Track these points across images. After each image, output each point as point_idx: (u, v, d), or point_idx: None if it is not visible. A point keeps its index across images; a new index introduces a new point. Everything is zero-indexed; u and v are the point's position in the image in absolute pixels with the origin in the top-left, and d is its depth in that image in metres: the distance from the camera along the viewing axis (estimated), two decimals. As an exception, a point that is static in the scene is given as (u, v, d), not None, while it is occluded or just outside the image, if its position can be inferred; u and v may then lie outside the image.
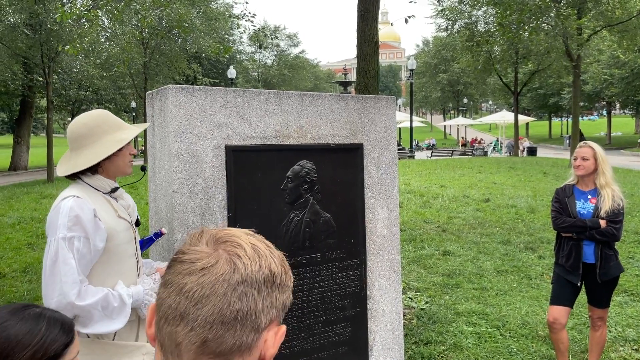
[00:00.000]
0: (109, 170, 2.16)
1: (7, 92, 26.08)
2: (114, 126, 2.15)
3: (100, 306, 1.96)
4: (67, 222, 1.94)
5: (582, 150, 3.55)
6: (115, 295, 2.02)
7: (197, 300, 0.73)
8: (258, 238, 0.83)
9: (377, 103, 3.29)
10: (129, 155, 2.21)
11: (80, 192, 2.06)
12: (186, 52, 30.08)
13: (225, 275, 0.74)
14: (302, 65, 54.44)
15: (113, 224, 2.09)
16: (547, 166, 19.55)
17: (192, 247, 0.78)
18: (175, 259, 0.79)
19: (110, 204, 2.15)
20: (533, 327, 4.57)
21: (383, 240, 3.34)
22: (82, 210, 1.97)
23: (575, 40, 18.21)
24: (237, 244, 0.78)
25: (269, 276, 0.78)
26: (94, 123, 2.12)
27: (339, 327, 3.13)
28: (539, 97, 48.52)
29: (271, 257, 0.80)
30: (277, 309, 0.79)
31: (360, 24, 5.42)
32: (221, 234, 0.80)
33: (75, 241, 1.94)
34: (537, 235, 7.85)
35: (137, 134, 2.20)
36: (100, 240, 2.02)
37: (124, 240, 2.15)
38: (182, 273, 0.76)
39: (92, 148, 2.09)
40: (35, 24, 18.70)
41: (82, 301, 1.91)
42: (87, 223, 1.97)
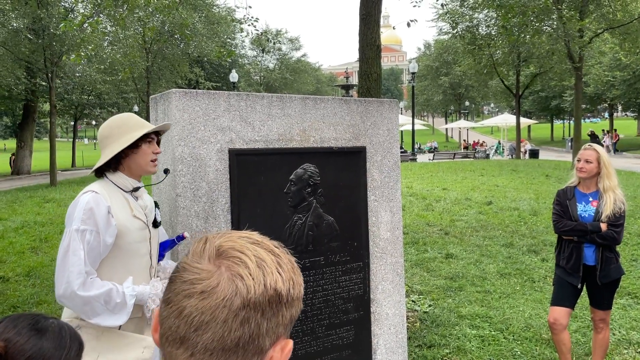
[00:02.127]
0: (130, 168, 2.22)
1: (10, 97, 26.18)
2: (134, 126, 2.21)
3: (103, 300, 2.02)
4: (82, 215, 2.04)
5: (586, 152, 3.55)
6: (120, 291, 2.07)
7: (197, 327, 0.70)
8: (265, 247, 0.78)
9: (379, 106, 3.30)
10: (153, 154, 2.25)
11: (101, 188, 2.14)
12: (188, 56, 30.16)
13: (226, 300, 0.70)
14: (304, 69, 54.51)
15: (126, 222, 2.14)
16: (550, 169, 19.53)
17: (193, 264, 0.74)
18: (175, 276, 0.76)
19: (128, 203, 2.20)
20: (537, 330, 4.56)
21: (386, 244, 3.34)
22: (97, 205, 2.06)
23: (577, 42, 18.21)
24: (240, 260, 0.73)
25: (274, 296, 0.73)
26: (116, 124, 2.22)
27: (343, 331, 3.13)
28: (541, 100, 48.51)
29: (278, 271, 0.75)
30: (284, 325, 0.76)
31: (362, 27, 5.43)
32: (225, 246, 0.75)
33: (87, 234, 2.02)
34: (540, 238, 7.84)
35: (149, 130, 2.22)
36: (110, 236, 2.08)
37: (136, 239, 2.19)
38: (181, 294, 0.72)
39: (111, 147, 2.18)
40: (38, 28, 18.77)
41: (85, 292, 1.98)
42: (99, 218, 2.05)
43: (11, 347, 1.09)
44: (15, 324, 1.13)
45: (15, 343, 1.09)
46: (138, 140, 2.19)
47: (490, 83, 38.13)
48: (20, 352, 1.09)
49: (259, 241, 0.78)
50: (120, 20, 7.88)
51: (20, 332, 1.12)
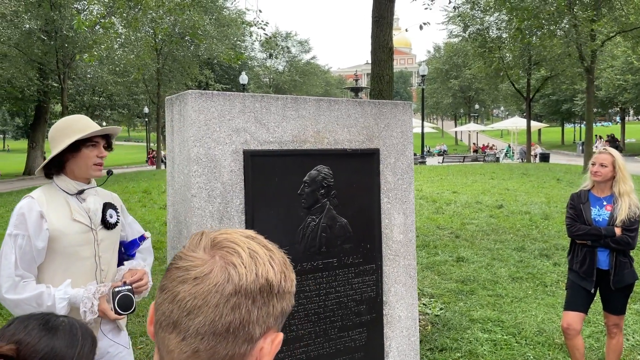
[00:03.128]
0: (73, 171, 2.22)
1: (23, 98, 26.44)
2: (77, 129, 2.19)
3: (36, 303, 2.03)
4: (15, 221, 2.08)
5: (601, 156, 3.52)
6: (51, 294, 2.06)
7: (189, 311, 0.72)
8: (259, 241, 0.80)
9: (393, 108, 3.29)
10: (96, 157, 2.24)
11: (41, 192, 2.17)
12: (198, 58, 30.33)
13: (218, 286, 0.72)
14: (313, 71, 54.61)
15: (62, 226, 2.13)
16: (561, 172, 19.40)
17: (188, 253, 0.77)
18: (172, 264, 0.78)
19: (69, 206, 2.18)
20: (549, 335, 4.53)
21: (399, 246, 3.33)
22: (30, 210, 2.08)
23: (589, 45, 18.10)
24: (234, 250, 0.76)
25: (265, 286, 0.75)
26: (61, 127, 2.23)
27: (355, 333, 3.12)
28: (552, 103, 48.23)
29: (270, 263, 0.77)
30: (275, 317, 0.77)
31: (374, 30, 5.43)
32: (220, 238, 0.78)
33: (19, 239, 2.05)
34: (552, 242, 7.79)
35: (84, 135, 2.18)
36: (42, 241, 2.08)
37: (75, 243, 2.17)
38: (176, 280, 0.75)
39: (55, 149, 2.19)
40: (51, 30, 18.96)
41: (13, 295, 2.01)
42: (30, 223, 2.06)
43: (23, 349, 1.08)
44: (25, 324, 1.13)
45: (27, 344, 1.09)
46: (79, 144, 2.18)
47: (500, 86, 37.96)
48: (33, 353, 1.09)
49: (253, 236, 0.81)
50: (133, 21, 7.93)
51: (31, 333, 1.11)
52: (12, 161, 34.32)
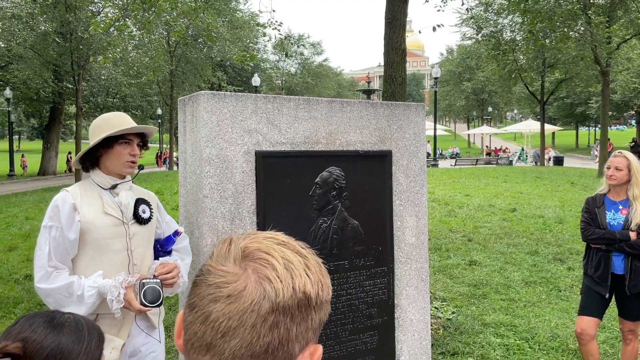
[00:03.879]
0: (107, 166, 2.28)
1: (38, 99, 26.77)
2: (110, 126, 2.25)
3: (67, 292, 2.09)
4: (49, 213, 2.17)
5: (616, 159, 3.47)
6: (81, 284, 2.12)
7: (224, 332, 0.67)
8: (292, 247, 0.75)
9: (406, 110, 3.27)
10: (129, 155, 2.28)
11: (76, 186, 2.26)
12: (211, 60, 30.49)
13: (254, 304, 0.67)
14: (326, 74, 54.63)
15: (93, 219, 2.19)
16: (575, 176, 19.19)
17: (218, 267, 0.71)
18: (200, 279, 0.73)
19: (102, 200, 2.24)
20: (563, 340, 4.47)
21: (411, 249, 3.31)
22: (63, 202, 2.16)
23: (604, 48, 17.90)
24: (267, 262, 0.70)
25: (303, 300, 0.70)
26: (98, 123, 2.30)
27: (366, 336, 3.10)
28: (566, 106, 47.77)
29: (306, 273, 0.71)
30: (314, 330, 0.72)
31: (387, 31, 5.41)
32: (251, 247, 0.72)
33: (52, 230, 2.13)
34: (566, 247, 7.70)
35: (110, 133, 2.22)
36: (73, 232, 2.14)
37: (107, 235, 2.22)
38: (207, 298, 0.69)
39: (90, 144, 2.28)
40: (66, 32, 19.16)
41: (45, 285, 2.09)
42: (63, 215, 2.14)
43: (29, 346, 1.08)
44: (30, 322, 1.13)
45: (33, 342, 1.09)
46: (112, 140, 2.24)
47: (514, 89, 37.69)
48: (39, 350, 1.08)
49: (285, 242, 0.75)
50: (147, 24, 7.99)
51: (37, 330, 1.11)
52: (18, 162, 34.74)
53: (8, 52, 22.33)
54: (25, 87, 24.42)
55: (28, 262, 7.01)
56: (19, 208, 12.07)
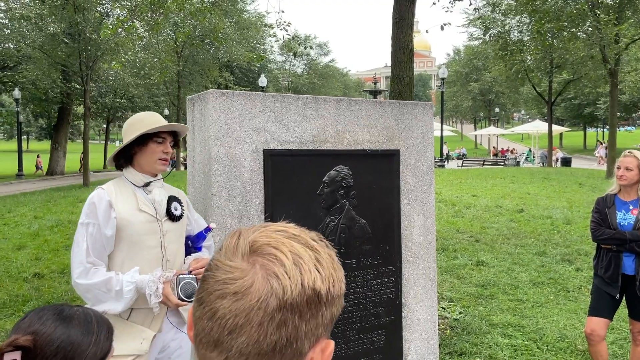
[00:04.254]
0: (140, 164, 2.31)
1: (46, 100, 26.93)
2: (145, 124, 2.27)
3: (105, 287, 2.13)
4: (86, 210, 2.21)
5: (626, 159, 3.45)
6: (119, 279, 2.16)
7: (231, 330, 0.66)
8: (302, 240, 0.72)
9: (414, 109, 3.27)
10: (162, 153, 2.31)
11: (111, 184, 2.30)
12: (218, 61, 30.57)
13: (260, 302, 0.65)
14: (332, 74, 54.65)
15: (128, 215, 2.23)
16: (583, 177, 19.09)
17: (225, 262, 0.70)
18: (208, 275, 0.71)
19: (136, 197, 2.28)
20: (571, 341, 4.44)
21: (419, 248, 3.30)
22: (100, 200, 2.20)
23: (613, 48, 17.80)
24: (275, 257, 0.68)
25: (312, 296, 0.68)
26: (132, 121, 2.32)
27: (374, 335, 3.10)
28: (574, 107, 47.52)
29: (316, 268, 0.69)
30: (324, 326, 0.71)
31: (395, 31, 5.40)
32: (260, 241, 0.70)
33: (90, 227, 2.17)
34: (574, 247, 7.65)
35: (152, 128, 2.25)
36: (110, 229, 2.19)
37: (141, 232, 2.26)
38: (214, 294, 0.68)
39: (124, 142, 2.31)
40: (74, 33, 19.26)
41: (84, 280, 2.13)
42: (99, 212, 2.18)
43: (39, 339, 1.09)
44: (40, 315, 1.14)
45: (42, 334, 1.10)
46: (146, 138, 2.27)
47: (521, 89, 37.54)
48: (49, 342, 1.10)
49: (296, 235, 0.73)
50: (156, 25, 8.02)
51: (46, 323, 1.12)
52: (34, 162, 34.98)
53: (17, 53, 22.48)
54: (34, 87, 24.59)
55: (37, 261, 7.06)
56: (28, 207, 12.14)
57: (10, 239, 8.43)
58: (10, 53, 23.23)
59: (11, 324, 4.87)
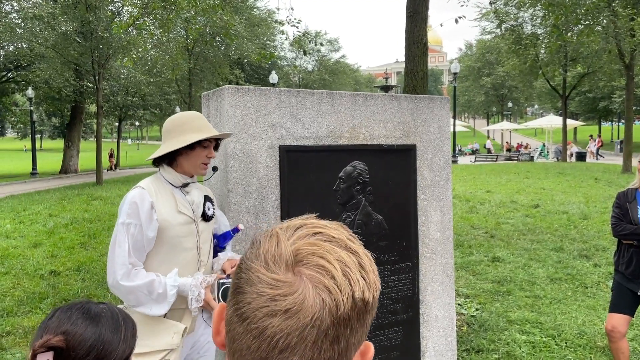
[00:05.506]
0: (183, 166, 2.27)
1: (59, 98, 27.14)
2: (195, 127, 2.23)
3: (147, 290, 2.11)
4: (127, 210, 2.15)
5: (648, 152, 3.38)
6: (162, 282, 2.14)
7: (282, 349, 0.63)
8: (343, 244, 0.68)
9: (430, 103, 3.22)
10: (206, 157, 2.28)
11: (150, 183, 2.25)
12: (229, 58, 30.60)
13: (314, 320, 0.62)
14: (343, 70, 54.50)
15: (169, 217, 2.20)
16: (599, 172, 18.85)
17: (270, 275, 0.65)
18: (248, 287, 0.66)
19: (174, 198, 2.25)
20: (591, 337, 4.38)
21: (436, 244, 3.26)
22: (142, 200, 2.16)
23: (628, 42, 17.53)
24: (323, 268, 0.65)
25: (362, 307, 0.65)
26: (179, 122, 2.26)
27: (391, 332, 3.07)
28: (588, 101, 46.94)
29: (362, 275, 0.66)
30: (367, 332, 0.69)
31: (409, 25, 5.35)
32: (304, 250, 0.66)
33: (131, 227, 2.13)
34: (591, 243, 7.55)
35: (205, 137, 2.21)
36: (152, 230, 2.16)
37: (180, 234, 2.24)
38: (261, 311, 0.64)
39: (169, 142, 2.25)
40: (86, 31, 19.38)
41: (128, 282, 2.09)
42: (142, 213, 2.14)
43: (71, 339, 1.09)
44: (68, 315, 1.14)
45: (74, 334, 1.10)
46: (194, 143, 2.23)
47: (535, 84, 37.16)
48: (81, 342, 1.10)
49: (335, 237, 0.69)
50: (167, 22, 8.03)
51: (77, 323, 1.12)
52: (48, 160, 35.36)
53: (30, 52, 22.67)
54: (47, 86, 24.77)
55: (52, 259, 7.12)
56: (43, 205, 12.25)
57: (26, 237, 8.50)
58: (23, 52, 23.42)
59: (29, 321, 4.91)
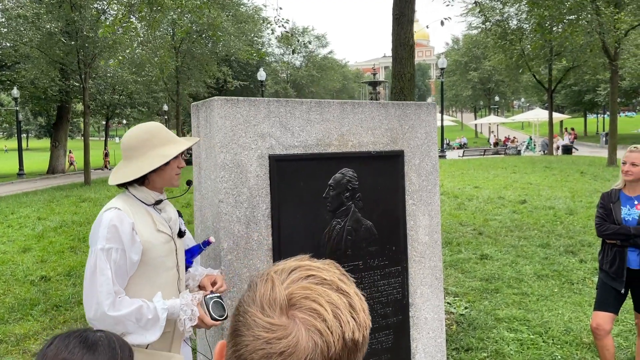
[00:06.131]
0: (155, 182, 2.17)
1: (46, 98, 26.87)
2: (163, 140, 2.15)
3: (135, 318, 1.98)
4: (106, 234, 1.99)
5: (632, 155, 3.45)
6: (151, 307, 2.03)
7: None
8: (334, 286, 0.73)
9: (417, 109, 3.27)
10: (177, 168, 2.20)
11: (123, 203, 2.09)
12: (216, 55, 30.46)
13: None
14: (331, 66, 54.50)
15: (150, 237, 2.10)
16: (584, 165, 19.09)
17: (265, 319, 0.70)
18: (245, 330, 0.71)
19: (151, 217, 2.15)
20: (577, 334, 4.47)
21: (424, 248, 3.32)
22: (121, 222, 2.02)
23: (612, 36, 17.73)
24: (315, 311, 0.69)
25: (352, 348, 0.70)
26: (145, 136, 2.14)
27: (382, 335, 3.12)
28: (574, 94, 47.41)
29: (352, 316, 0.71)
30: None
31: (395, 27, 5.39)
32: (297, 294, 0.71)
33: (112, 252, 1.99)
34: (577, 239, 7.67)
35: (184, 149, 2.16)
36: (136, 254, 2.05)
37: (162, 254, 2.15)
38: (257, 353, 0.68)
39: (140, 161, 2.11)
40: (71, 31, 19.21)
41: (115, 312, 1.95)
42: (124, 235, 2.01)
43: None
44: (66, 343, 1.16)
45: None
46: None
47: (521, 77, 37.44)
48: None
49: (327, 280, 0.73)
50: (154, 23, 8.00)
51: (74, 351, 1.14)
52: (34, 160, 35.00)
53: (15, 52, 22.43)
54: (33, 86, 24.54)
55: (42, 264, 7.09)
56: (31, 208, 12.16)
57: (15, 241, 8.45)
58: (7, 52, 23.18)
59: (20, 329, 4.90)
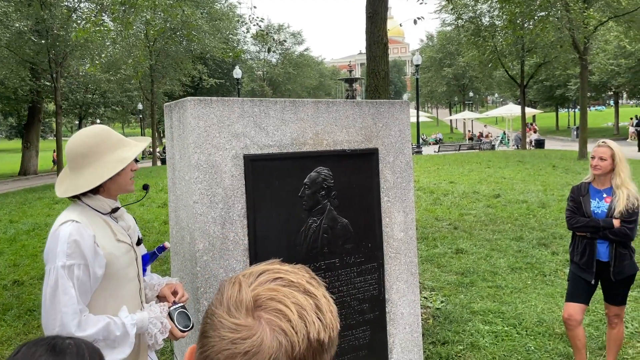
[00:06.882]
0: (110, 189, 2.03)
1: (16, 98, 26.27)
2: (115, 144, 2.02)
3: (102, 336, 1.87)
4: (66, 249, 1.84)
5: (600, 149, 3.55)
6: (118, 323, 1.92)
7: None
8: (301, 288, 0.74)
9: (391, 107, 3.31)
10: (131, 172, 2.09)
11: (79, 215, 1.94)
12: (191, 54, 30.19)
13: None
14: (307, 63, 54.44)
15: (112, 249, 1.98)
16: (556, 159, 19.47)
17: (231, 320, 0.70)
18: (212, 331, 0.72)
19: (110, 227, 2.02)
20: (549, 325, 4.58)
21: (400, 244, 3.36)
22: (82, 236, 1.87)
23: (582, 32, 18.11)
24: (280, 312, 0.70)
25: (317, 347, 0.70)
26: (93, 141, 1.99)
27: (359, 331, 3.16)
28: (545, 89, 48.30)
29: (318, 317, 0.72)
30: None
31: (369, 25, 5.42)
32: (263, 296, 0.72)
33: (75, 269, 1.84)
34: (549, 231, 7.84)
35: (139, 151, 2.08)
36: (100, 267, 1.92)
37: (124, 265, 2.03)
38: (222, 354, 0.69)
39: (93, 168, 1.96)
40: (41, 29, 18.82)
41: (82, 332, 1.82)
42: (86, 250, 1.87)
43: None
44: (33, 351, 1.13)
45: None
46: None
47: (494, 73, 37.98)
48: None
49: (294, 282, 0.75)
50: (128, 24, 7.90)
51: (40, 359, 1.11)
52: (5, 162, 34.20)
53: (-18, 52, 21.89)
54: (2, 86, 23.98)
55: (15, 267, 6.95)
56: (2, 211, 11.91)
57: (-14, 245, 8.27)
58: (-25, 52, 22.60)
59: (-7, 334, 4.81)
